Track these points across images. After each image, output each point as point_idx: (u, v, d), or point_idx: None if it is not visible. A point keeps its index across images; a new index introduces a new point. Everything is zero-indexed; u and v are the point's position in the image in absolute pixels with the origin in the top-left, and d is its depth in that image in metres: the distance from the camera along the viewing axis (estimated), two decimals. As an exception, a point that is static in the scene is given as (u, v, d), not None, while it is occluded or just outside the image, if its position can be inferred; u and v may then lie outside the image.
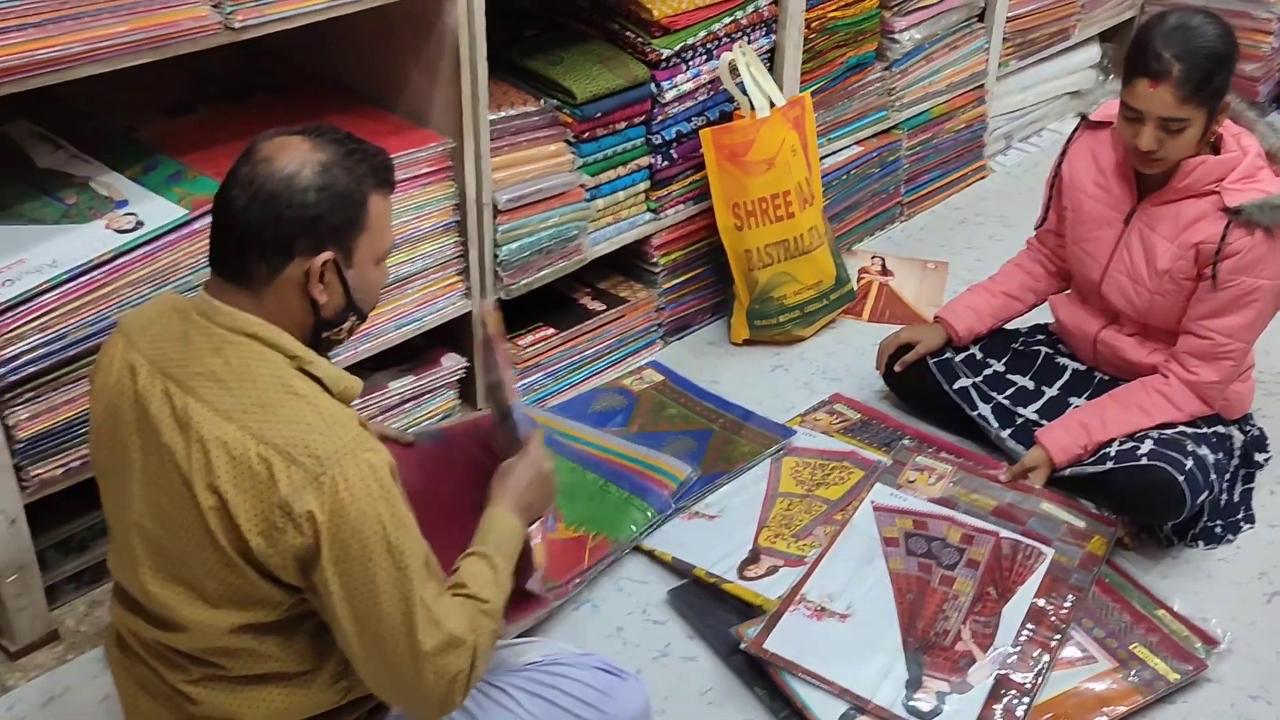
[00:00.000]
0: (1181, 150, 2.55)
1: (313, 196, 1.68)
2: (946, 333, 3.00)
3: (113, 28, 2.08)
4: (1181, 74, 2.44)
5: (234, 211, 1.70)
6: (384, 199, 1.78)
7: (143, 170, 2.45)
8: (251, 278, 1.71)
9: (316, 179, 1.69)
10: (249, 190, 1.69)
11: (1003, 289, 3.03)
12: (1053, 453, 2.71)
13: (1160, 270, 2.66)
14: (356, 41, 2.77)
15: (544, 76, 2.94)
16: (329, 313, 1.77)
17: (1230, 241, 2.55)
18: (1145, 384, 2.73)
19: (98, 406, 1.81)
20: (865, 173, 3.74)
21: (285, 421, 1.65)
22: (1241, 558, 2.72)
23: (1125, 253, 2.72)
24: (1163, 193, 2.64)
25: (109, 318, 2.26)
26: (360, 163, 1.74)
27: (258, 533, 1.64)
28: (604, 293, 3.23)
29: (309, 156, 1.70)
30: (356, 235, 1.74)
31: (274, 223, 1.68)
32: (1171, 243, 2.64)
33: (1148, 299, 2.71)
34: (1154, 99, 2.47)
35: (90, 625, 2.47)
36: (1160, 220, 2.66)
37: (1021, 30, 4.17)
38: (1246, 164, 2.57)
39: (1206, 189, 2.58)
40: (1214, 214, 2.58)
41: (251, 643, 1.73)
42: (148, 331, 1.78)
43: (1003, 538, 2.61)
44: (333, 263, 1.72)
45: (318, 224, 1.69)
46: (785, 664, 2.34)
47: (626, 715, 2.03)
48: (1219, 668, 2.45)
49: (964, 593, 2.48)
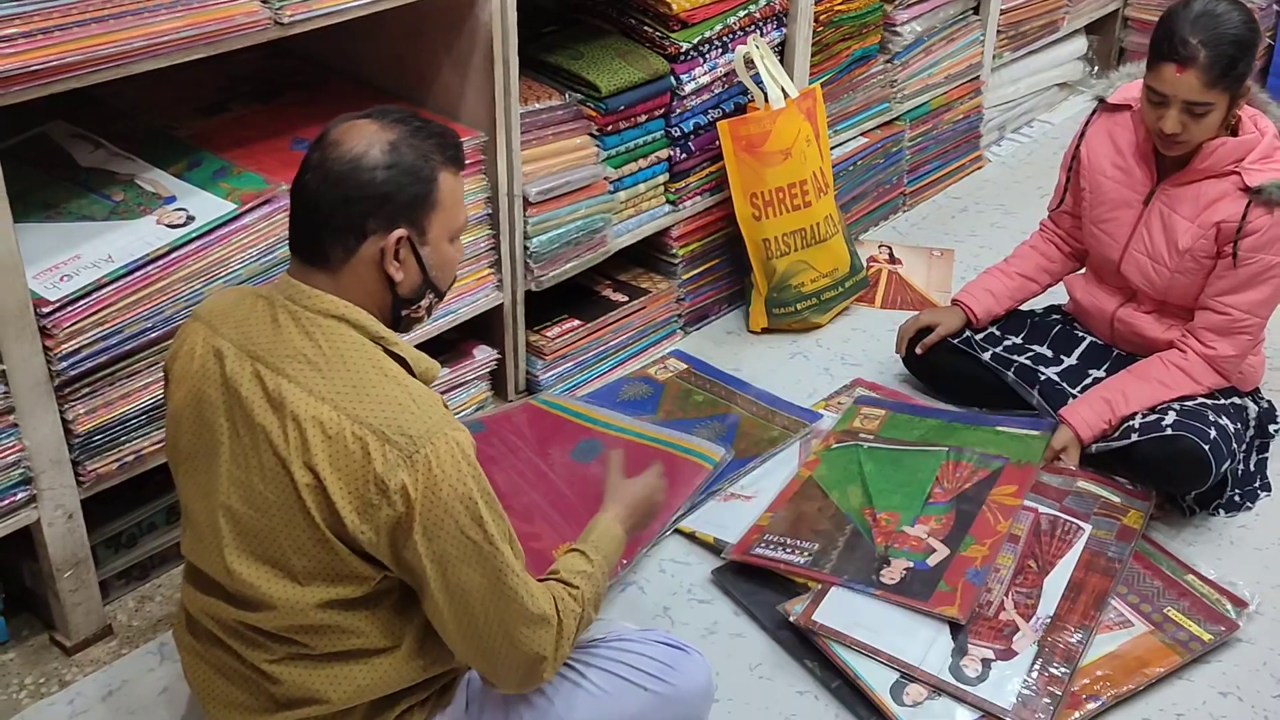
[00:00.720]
0: (1204, 133, 2.61)
1: (381, 175, 1.72)
2: (965, 315, 3.06)
3: (170, 23, 2.11)
4: (1207, 60, 2.51)
5: (307, 196, 1.75)
6: (454, 176, 1.82)
7: (186, 167, 2.48)
8: (329, 259, 1.75)
9: (384, 158, 1.73)
10: (320, 174, 1.73)
11: (1018, 270, 3.09)
12: (1078, 429, 2.76)
13: (1181, 250, 2.73)
14: (386, 39, 2.81)
15: (567, 71, 2.99)
16: (406, 290, 1.81)
17: (1250, 220, 2.62)
18: (1163, 358, 2.79)
19: (179, 393, 1.84)
20: (871, 163, 3.80)
21: (378, 402, 1.70)
22: (1261, 524, 2.80)
23: (1145, 233, 2.79)
24: (1183, 174, 2.71)
25: (164, 312, 2.28)
26: (427, 139, 1.78)
27: (352, 509, 1.68)
28: (625, 284, 3.28)
29: (376, 137, 1.74)
30: (428, 212, 1.78)
31: (344, 203, 1.72)
32: (1192, 222, 2.71)
33: (1168, 278, 2.78)
34: (1180, 84, 2.54)
35: (142, 620, 2.49)
36: (1181, 201, 2.73)
37: (1014, 23, 4.26)
38: (1265, 145, 2.64)
39: (1226, 170, 2.65)
40: (1234, 193, 2.65)
41: (337, 618, 1.77)
42: (230, 318, 1.81)
43: (1041, 514, 2.66)
44: (406, 240, 1.76)
45: (388, 201, 1.73)
46: (835, 635, 2.39)
47: (692, 686, 2.08)
48: (1249, 629, 2.51)
49: (1005, 566, 2.54)
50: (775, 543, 2.58)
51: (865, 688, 2.32)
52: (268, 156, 2.56)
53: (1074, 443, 2.77)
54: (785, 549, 2.57)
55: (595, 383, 3.17)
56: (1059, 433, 2.79)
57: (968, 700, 2.28)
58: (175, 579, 2.57)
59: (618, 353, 3.22)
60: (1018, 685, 2.30)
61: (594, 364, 3.17)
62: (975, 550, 2.51)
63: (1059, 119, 4.65)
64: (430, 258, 1.81)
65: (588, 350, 3.14)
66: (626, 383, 3.17)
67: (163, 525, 2.56)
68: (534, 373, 3.06)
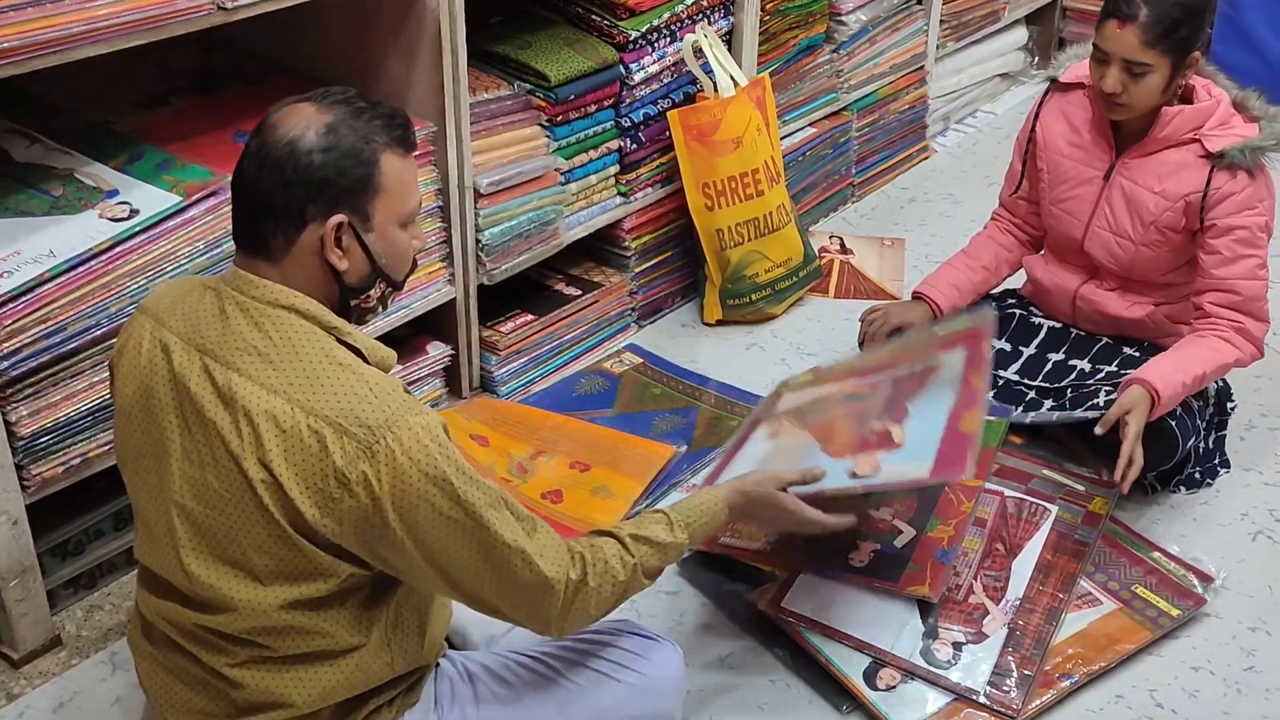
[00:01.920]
0: (1144, 97, 2.61)
1: (318, 159, 1.65)
2: (931, 309, 3.01)
3: (110, 8, 2.05)
4: (1148, 18, 2.52)
5: (246, 183, 1.69)
6: (400, 158, 1.73)
7: (128, 160, 2.41)
8: (271, 249, 1.69)
9: (321, 140, 1.66)
10: (257, 160, 1.67)
11: (980, 263, 3.04)
12: (1155, 385, 2.54)
13: (1147, 221, 2.72)
14: (328, 29, 2.75)
15: (515, 61, 2.95)
16: (353, 279, 1.74)
17: (1216, 186, 2.63)
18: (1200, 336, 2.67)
19: (126, 390, 1.77)
20: (819, 154, 3.79)
21: (333, 393, 1.64)
22: (1222, 501, 2.81)
23: (1107, 208, 2.78)
24: (1142, 145, 2.71)
25: (109, 308, 2.22)
26: (370, 121, 1.70)
27: (312, 504, 1.63)
28: (577, 278, 3.24)
29: (314, 119, 1.67)
30: (371, 196, 1.70)
31: (282, 189, 1.66)
32: (1157, 194, 2.70)
33: (1133, 251, 2.77)
34: (1119, 40, 2.55)
35: (91, 629, 2.41)
36: (1142, 172, 2.72)
37: (956, 12, 4.27)
38: (1222, 111, 2.65)
39: (1185, 138, 2.66)
40: (1195, 161, 2.65)
41: (301, 619, 1.72)
42: (177, 310, 1.75)
43: (1007, 497, 2.65)
44: (348, 225, 1.69)
45: (327, 186, 1.66)
46: (805, 622, 2.36)
47: (666, 677, 2.05)
48: (1216, 603, 2.52)
49: (973, 550, 2.52)
50: (739, 530, 2.54)
51: (838, 673, 2.29)
52: (211, 149, 2.49)
53: (1144, 400, 2.54)
54: (749, 536, 2.53)
55: (551, 378, 3.12)
56: (1129, 393, 2.56)
57: (941, 684, 2.26)
58: (125, 587, 2.50)
59: (572, 347, 3.18)
60: (989, 668, 2.28)
61: (548, 359, 3.13)
62: (941, 531, 2.48)
63: (1002, 109, 4.67)
64: (377, 245, 1.73)
65: (542, 345, 3.10)
66: (583, 377, 3.13)
67: (111, 531, 2.49)
68: (488, 368, 3.01)
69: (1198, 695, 2.33)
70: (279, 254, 1.70)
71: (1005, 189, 3.07)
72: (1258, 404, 3.10)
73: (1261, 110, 2.68)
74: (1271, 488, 2.85)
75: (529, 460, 2.74)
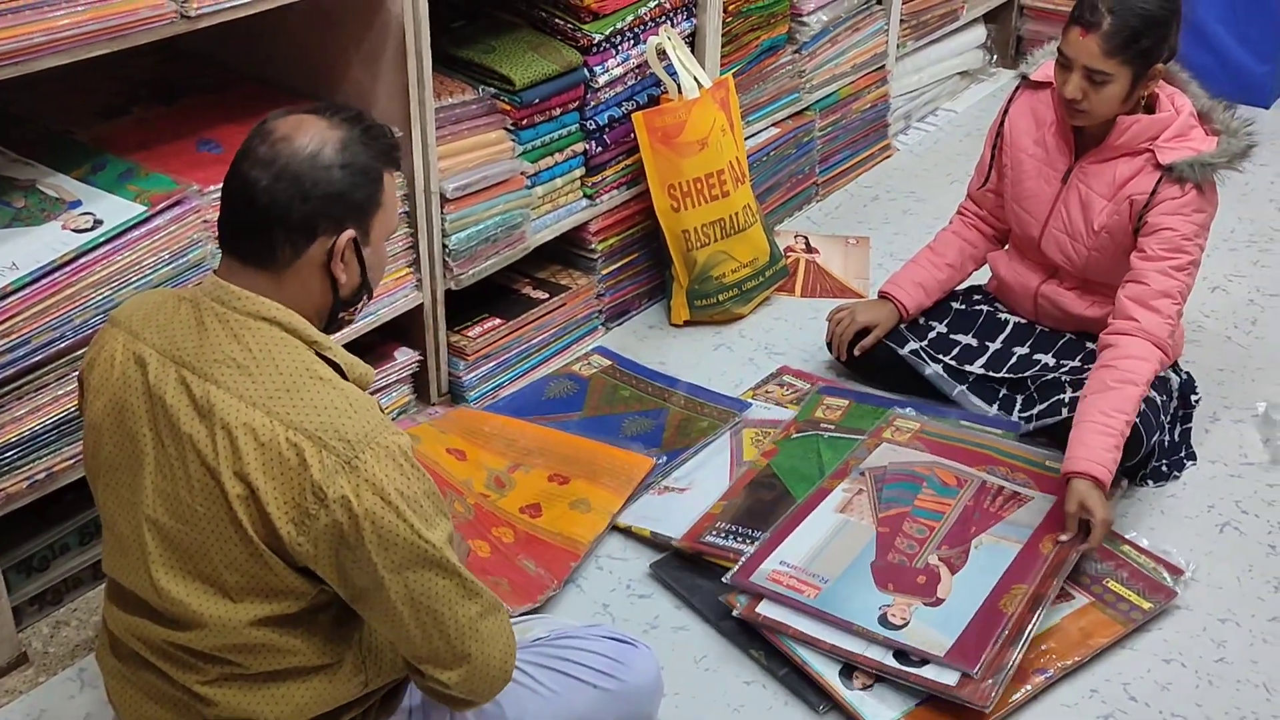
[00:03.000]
0: (1104, 105, 2.63)
1: (337, 174, 1.67)
2: (896, 309, 3.02)
3: (71, 18, 2.02)
4: (1110, 28, 2.53)
5: (255, 192, 1.66)
6: (392, 177, 1.78)
7: (91, 170, 2.39)
8: (276, 259, 1.69)
9: (339, 156, 1.68)
10: (271, 169, 1.66)
11: (945, 260, 3.06)
12: (1092, 472, 2.46)
13: (1097, 228, 2.74)
14: (289, 36, 2.73)
15: (479, 65, 2.93)
16: (347, 292, 1.76)
17: (1160, 193, 2.64)
18: (1104, 362, 2.62)
19: (98, 403, 1.75)
20: (783, 154, 3.80)
21: (313, 407, 1.63)
22: (1189, 493, 2.83)
23: (1063, 209, 2.80)
24: (1099, 151, 2.73)
25: (74, 320, 2.19)
26: (377, 140, 1.74)
27: (288, 520, 1.62)
28: (544, 282, 3.23)
29: (328, 134, 1.69)
30: (374, 213, 1.74)
31: (301, 200, 1.65)
32: (1108, 200, 2.72)
33: (1085, 255, 2.79)
34: (1081, 47, 2.56)
35: (58, 646, 2.38)
36: (1097, 178, 2.74)
37: (916, 11, 4.28)
38: (1179, 123, 2.66)
39: (1141, 147, 2.67)
40: (1147, 170, 2.66)
41: (272, 636, 1.70)
42: (152, 322, 1.73)
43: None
44: (353, 241, 1.71)
45: (341, 201, 1.68)
46: (779, 626, 2.35)
47: (641, 681, 2.05)
48: (1187, 596, 2.54)
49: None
50: (726, 530, 2.54)
51: (814, 674, 2.30)
52: (174, 158, 2.47)
53: (1092, 491, 2.46)
54: (735, 537, 2.53)
55: (519, 382, 3.11)
56: (1071, 493, 2.46)
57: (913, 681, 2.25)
58: (91, 602, 2.47)
59: (540, 351, 3.17)
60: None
61: (517, 363, 3.12)
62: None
63: (962, 107, 4.69)
64: (370, 259, 1.77)
65: (510, 349, 3.09)
66: (552, 380, 3.12)
67: (76, 547, 2.46)
68: (456, 374, 3.00)
69: (1170, 688, 2.35)
70: (283, 265, 1.69)
71: (974, 181, 3.08)
72: (1221, 397, 3.13)
73: (1224, 124, 2.68)
74: (1237, 479, 2.87)
75: (506, 474, 2.72)
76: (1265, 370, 3.25)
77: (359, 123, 1.73)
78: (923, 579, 2.40)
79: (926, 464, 2.70)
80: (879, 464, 2.70)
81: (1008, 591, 2.36)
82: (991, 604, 2.33)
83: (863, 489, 2.62)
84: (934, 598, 2.36)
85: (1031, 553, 2.45)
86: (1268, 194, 4.13)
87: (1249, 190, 3.97)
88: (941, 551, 2.46)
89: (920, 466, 2.69)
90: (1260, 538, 2.71)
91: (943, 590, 2.38)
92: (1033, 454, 2.74)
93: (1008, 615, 2.29)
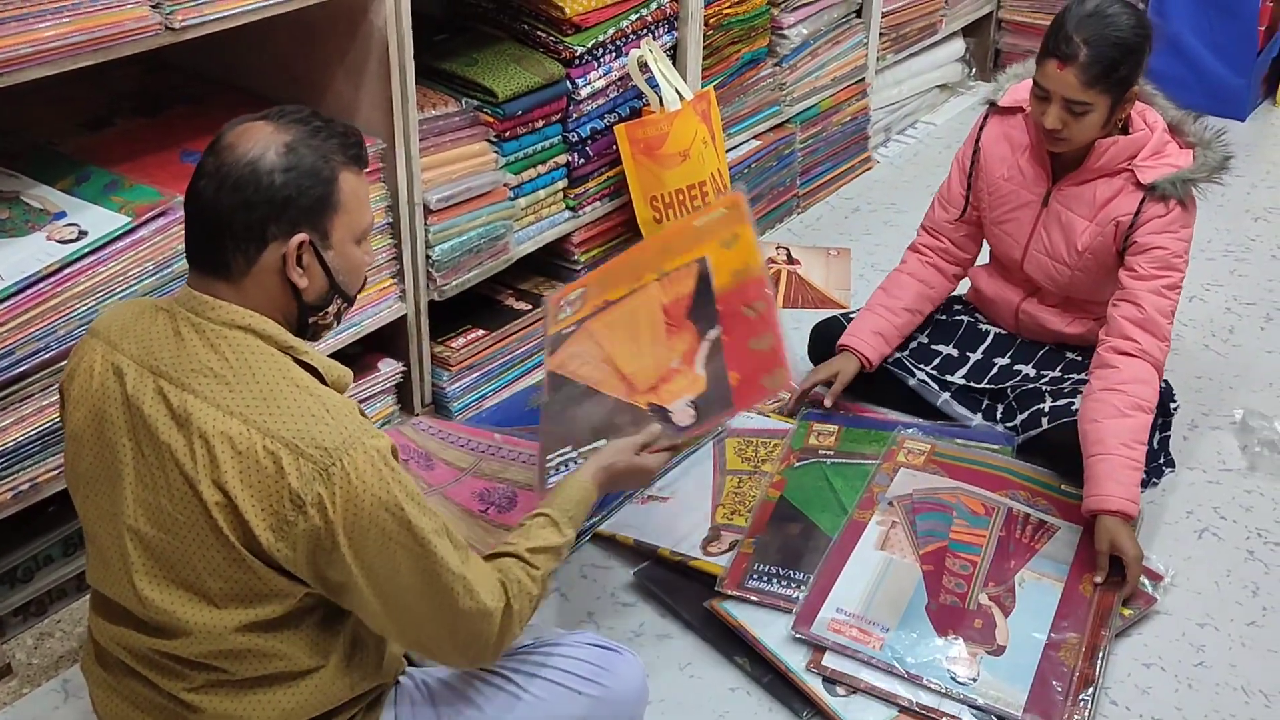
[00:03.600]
0: (1085, 132, 2.63)
1: (279, 179, 1.66)
2: (859, 361, 2.96)
3: (56, 29, 2.03)
4: (1088, 59, 2.52)
5: (204, 203, 1.67)
6: (356, 175, 1.75)
7: (75, 182, 2.39)
8: (230, 269, 1.69)
9: (281, 160, 1.66)
10: (216, 180, 1.66)
11: (902, 305, 3.00)
12: (1128, 511, 2.47)
13: (1080, 249, 2.76)
14: (273, 49, 2.75)
15: (462, 77, 2.95)
16: (311, 297, 1.75)
17: (1145, 213, 2.66)
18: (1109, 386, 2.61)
19: (78, 414, 1.76)
20: (764, 166, 3.82)
21: (290, 414, 1.64)
22: (1168, 500, 2.85)
23: (1044, 233, 2.82)
24: (1078, 173, 2.74)
25: (58, 331, 2.20)
26: (327, 139, 1.71)
27: (267, 526, 1.62)
28: (527, 293, 3.24)
29: (273, 139, 1.68)
30: (330, 214, 1.71)
31: (244, 209, 1.65)
32: (1090, 221, 2.74)
33: (1069, 275, 2.81)
34: (1060, 80, 2.55)
35: (42, 657, 2.38)
36: (1077, 200, 2.75)
37: (895, 25, 4.32)
38: (1155, 141, 2.67)
39: (1119, 168, 2.69)
40: (1129, 190, 2.68)
41: (258, 641, 1.71)
42: (130, 333, 1.74)
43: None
44: (309, 244, 1.70)
45: (289, 206, 1.67)
46: (849, 680, 2.31)
47: (627, 688, 2.04)
48: (1166, 601, 2.56)
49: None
50: (768, 574, 2.51)
51: (798, 681, 2.30)
52: (159, 169, 2.48)
53: (1123, 529, 2.47)
54: (779, 581, 2.49)
55: (503, 392, 3.12)
56: (1103, 531, 2.47)
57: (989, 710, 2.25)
58: (76, 614, 2.46)
59: (523, 362, 3.18)
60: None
61: (500, 374, 3.13)
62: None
63: (941, 120, 4.73)
64: (335, 261, 1.75)
65: (493, 360, 3.10)
66: (535, 390, 3.13)
67: (60, 558, 2.46)
68: (440, 384, 3.01)
69: (1150, 692, 2.37)
70: (239, 274, 1.69)
71: (936, 214, 3.03)
72: (1199, 404, 3.16)
73: (1197, 136, 2.70)
74: (1215, 485, 2.90)
75: None
76: (1242, 378, 3.28)
77: (308, 124, 1.71)
78: (979, 623, 2.39)
79: (950, 490, 2.70)
80: (904, 492, 2.69)
81: (1064, 641, 2.37)
82: (1050, 655, 2.34)
83: (895, 520, 2.61)
84: (994, 644, 2.36)
85: (1074, 594, 2.46)
86: (1243, 204, 4.17)
87: (1225, 201, 4.01)
88: (990, 590, 2.46)
89: (945, 494, 2.69)
90: (1238, 543, 2.73)
91: (1000, 636, 2.37)
92: (1044, 475, 2.75)
93: (1070, 668, 2.31)
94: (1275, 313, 3.59)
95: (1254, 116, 4.86)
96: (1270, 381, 3.28)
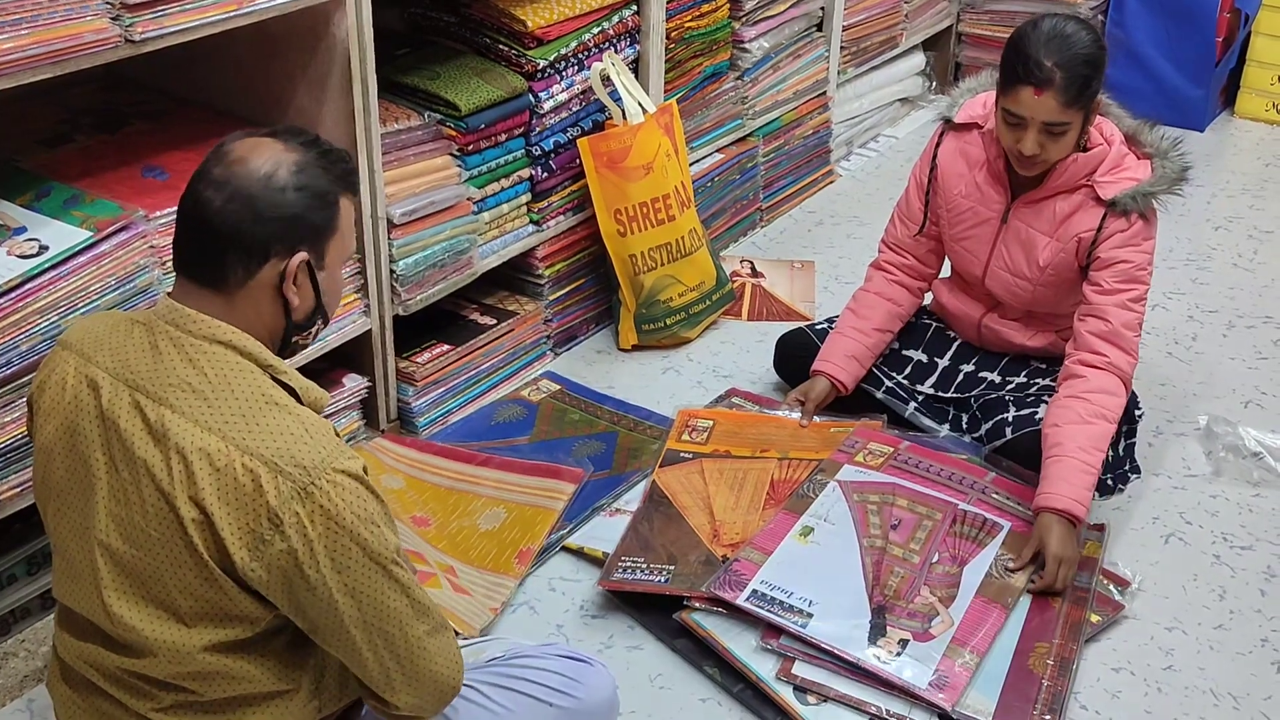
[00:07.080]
0: (1062, 151, 2.63)
1: (291, 196, 1.68)
2: (833, 385, 2.97)
3: (13, 42, 2.01)
4: (1064, 81, 2.52)
5: (209, 212, 1.67)
6: (350, 202, 1.79)
7: (35, 197, 2.37)
8: (227, 281, 1.69)
9: (293, 179, 1.68)
10: (225, 190, 1.66)
11: (872, 325, 3.00)
12: (1075, 512, 2.51)
13: (1042, 265, 2.77)
14: (234, 62, 2.73)
15: (424, 91, 2.94)
16: (299, 316, 1.76)
17: (1107, 228, 2.67)
18: (1076, 395, 2.63)
19: (49, 427, 1.74)
20: (727, 179, 3.83)
21: (269, 432, 1.63)
22: (1134, 506, 2.87)
23: (1004, 250, 2.82)
24: (1037, 191, 2.74)
25: (20, 346, 2.17)
26: (334, 164, 1.75)
27: (242, 545, 1.61)
28: (491, 308, 3.23)
29: (284, 156, 1.70)
30: (329, 237, 1.74)
31: (253, 222, 1.66)
32: (1051, 237, 2.74)
33: (1031, 291, 2.82)
34: (1039, 106, 2.54)
35: (6, 677, 2.35)
36: (1036, 217, 2.76)
37: (855, 39, 4.34)
38: (1113, 155, 2.69)
39: (1079, 184, 2.70)
40: (1089, 205, 2.69)
41: (226, 662, 1.69)
42: (105, 345, 1.72)
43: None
44: (306, 264, 1.72)
45: (295, 224, 1.69)
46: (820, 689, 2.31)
47: (598, 699, 2.04)
48: (1134, 606, 2.57)
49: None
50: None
51: (769, 690, 2.30)
52: (120, 184, 2.46)
53: (1066, 528, 2.51)
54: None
55: (469, 407, 3.11)
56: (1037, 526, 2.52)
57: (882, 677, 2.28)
58: (40, 633, 2.43)
59: (489, 376, 3.17)
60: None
61: (465, 389, 3.12)
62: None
63: (903, 133, 4.76)
64: (325, 283, 1.77)
65: (459, 375, 3.08)
66: (501, 405, 3.12)
67: (23, 577, 2.42)
68: (406, 400, 2.99)
69: (1120, 696, 2.37)
70: (234, 286, 1.69)
71: (897, 231, 3.03)
72: (1163, 411, 3.19)
73: (1154, 145, 2.71)
74: (1180, 491, 2.92)
75: None
76: (1206, 385, 3.31)
77: (316, 146, 1.74)
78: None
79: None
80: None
81: (1032, 650, 2.37)
82: (1020, 663, 2.34)
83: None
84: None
85: (1043, 603, 2.47)
86: (1204, 214, 4.21)
87: (1187, 210, 4.05)
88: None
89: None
90: (1204, 548, 2.75)
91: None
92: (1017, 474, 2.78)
93: (1039, 677, 2.31)
94: (1237, 320, 3.62)
95: (1213, 127, 4.91)
96: (1233, 388, 3.31)
